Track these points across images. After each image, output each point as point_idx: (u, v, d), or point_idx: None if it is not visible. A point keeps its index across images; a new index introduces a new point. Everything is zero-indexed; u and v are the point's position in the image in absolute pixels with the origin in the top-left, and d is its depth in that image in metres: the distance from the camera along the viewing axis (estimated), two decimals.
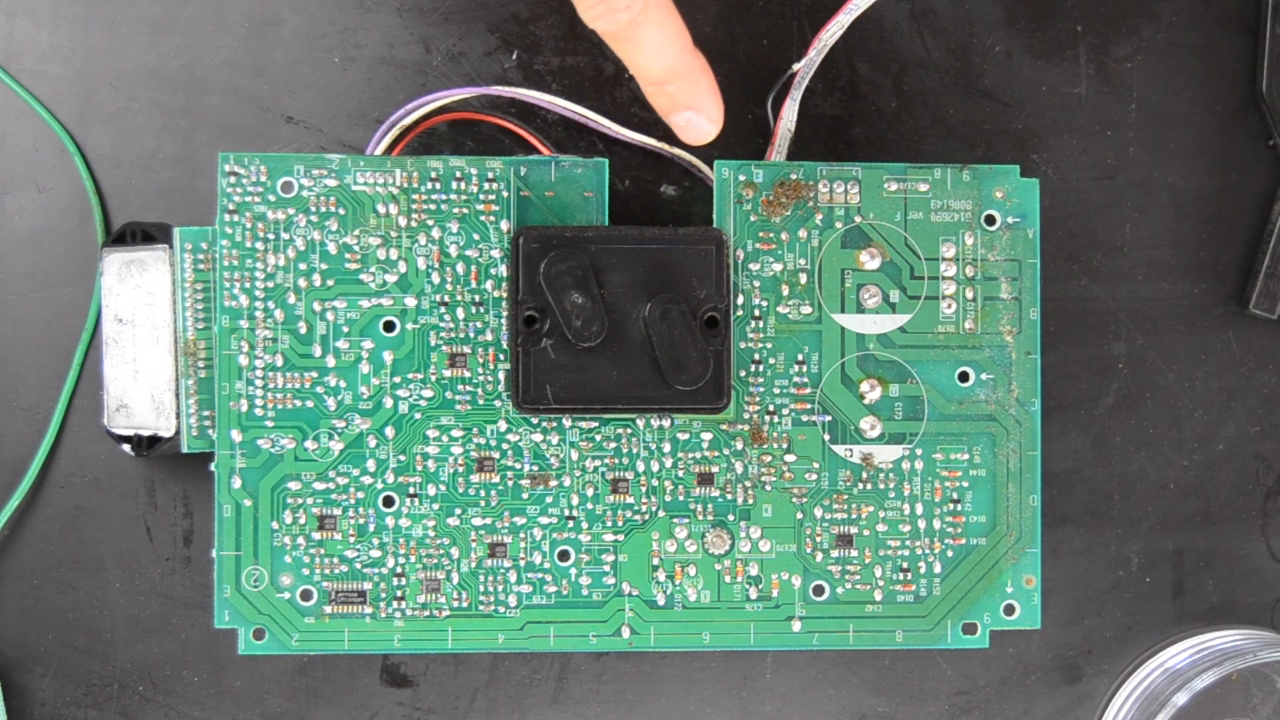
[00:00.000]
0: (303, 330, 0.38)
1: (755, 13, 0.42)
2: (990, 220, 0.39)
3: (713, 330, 0.37)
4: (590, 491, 0.38)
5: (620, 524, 0.38)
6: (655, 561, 0.38)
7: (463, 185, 0.38)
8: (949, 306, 0.39)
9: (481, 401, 0.38)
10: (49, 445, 0.41)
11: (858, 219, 0.39)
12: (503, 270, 0.38)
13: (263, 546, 0.38)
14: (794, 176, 0.38)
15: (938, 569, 0.39)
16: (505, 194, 0.38)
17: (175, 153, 0.41)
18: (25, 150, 0.41)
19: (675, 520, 0.38)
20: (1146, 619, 0.42)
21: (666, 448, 0.38)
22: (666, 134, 0.41)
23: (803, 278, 0.39)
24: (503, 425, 0.38)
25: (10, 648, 0.41)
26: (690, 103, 0.34)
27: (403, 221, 0.38)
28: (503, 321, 0.38)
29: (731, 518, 0.38)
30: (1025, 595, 0.39)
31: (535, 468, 0.38)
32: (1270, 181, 0.43)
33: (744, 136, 0.42)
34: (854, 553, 0.39)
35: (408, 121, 0.40)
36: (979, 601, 0.39)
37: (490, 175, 0.38)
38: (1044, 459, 0.41)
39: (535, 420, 0.38)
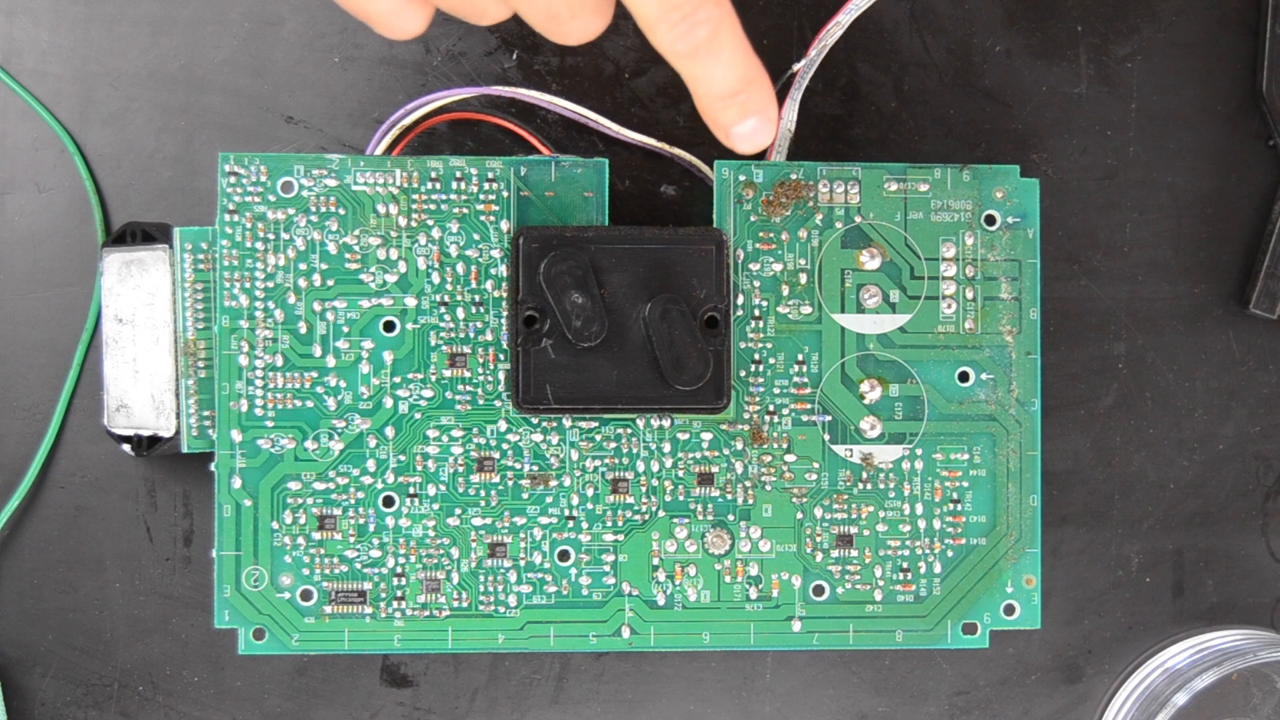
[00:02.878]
0: (303, 330, 0.38)
1: (755, 13, 0.42)
2: (990, 220, 0.39)
3: (713, 330, 0.37)
4: (590, 491, 0.38)
5: (620, 524, 0.38)
6: (655, 561, 0.38)
7: (463, 185, 0.38)
8: (949, 306, 0.39)
9: (481, 401, 0.38)
10: (49, 445, 0.41)
11: (858, 219, 0.39)
12: (503, 270, 0.38)
13: (263, 546, 0.38)
14: (794, 176, 0.38)
15: (938, 569, 0.39)
16: (505, 194, 0.38)
17: (175, 153, 0.41)
18: (25, 150, 0.41)
19: (675, 520, 0.38)
20: (1146, 619, 0.42)
21: (666, 448, 0.38)
22: (666, 134, 0.41)
23: (803, 278, 0.39)
24: (503, 425, 0.38)
25: (10, 648, 0.41)
26: (758, 107, 0.31)
27: (403, 221, 0.38)
28: (503, 321, 0.38)
29: (731, 518, 0.38)
30: (1025, 595, 0.39)
31: (535, 468, 0.38)
32: (1270, 181, 0.43)
33: None
34: (854, 553, 0.39)
35: (408, 121, 0.40)
36: (979, 601, 0.39)
37: (490, 175, 0.38)
38: (1044, 459, 0.41)
39: (535, 420, 0.38)
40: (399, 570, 0.38)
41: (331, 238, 0.38)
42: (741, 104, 0.31)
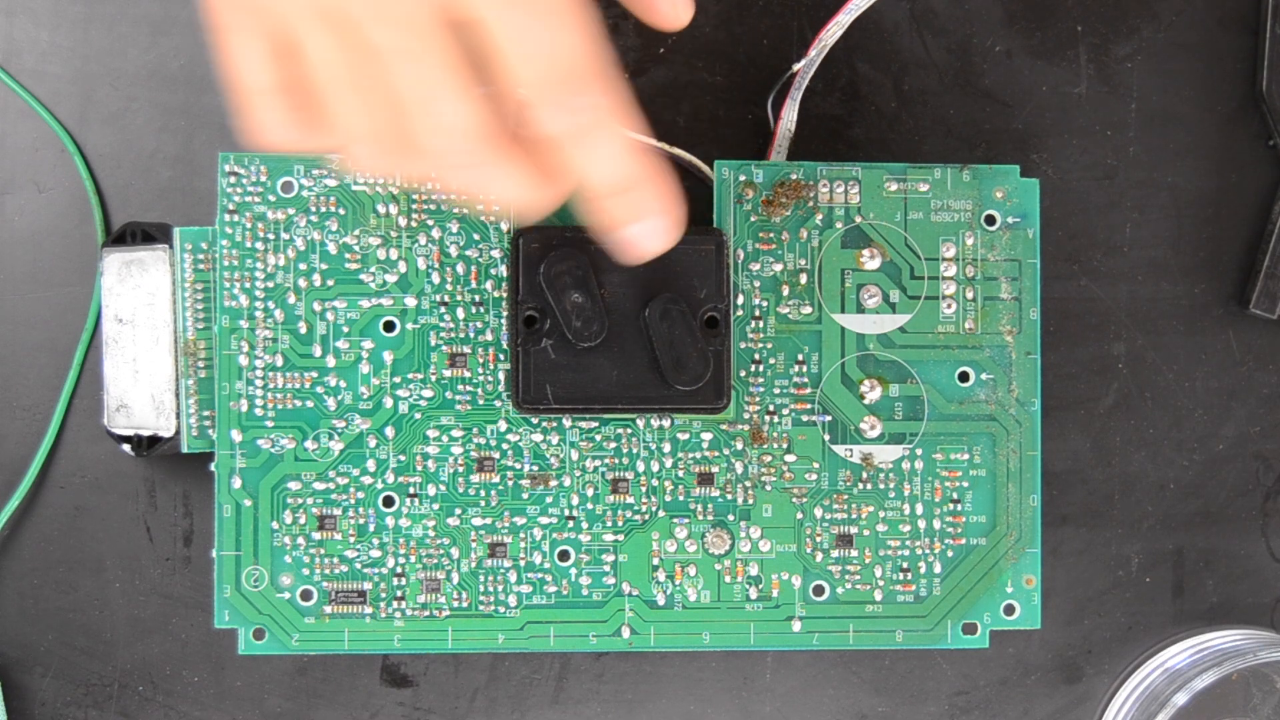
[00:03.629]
0: (303, 330, 0.38)
1: (755, 13, 0.42)
2: (990, 220, 0.39)
3: (713, 330, 0.37)
4: (590, 491, 0.38)
5: (620, 524, 0.38)
6: (655, 561, 0.38)
7: None
8: (949, 306, 0.39)
9: (481, 401, 0.38)
10: (49, 445, 0.41)
11: (858, 219, 0.39)
12: (503, 270, 0.38)
13: (263, 546, 0.38)
14: (794, 176, 0.38)
15: (938, 569, 0.39)
16: None
17: (175, 153, 0.41)
18: (25, 150, 0.41)
19: (675, 520, 0.38)
20: (1146, 619, 0.42)
21: (666, 448, 0.38)
22: (666, 134, 0.41)
23: (803, 278, 0.39)
24: (503, 425, 0.38)
25: (10, 648, 0.41)
26: (647, 210, 0.30)
27: (403, 221, 0.38)
28: (503, 321, 0.38)
29: (731, 518, 0.38)
30: (1025, 595, 0.39)
31: (535, 468, 0.38)
32: (1270, 181, 0.43)
33: (744, 136, 0.42)
34: (854, 553, 0.39)
35: None
36: (979, 601, 0.39)
37: None
38: (1044, 459, 0.41)
39: (535, 420, 0.38)
40: (399, 570, 0.38)
41: (331, 238, 0.38)
42: (627, 203, 0.30)
